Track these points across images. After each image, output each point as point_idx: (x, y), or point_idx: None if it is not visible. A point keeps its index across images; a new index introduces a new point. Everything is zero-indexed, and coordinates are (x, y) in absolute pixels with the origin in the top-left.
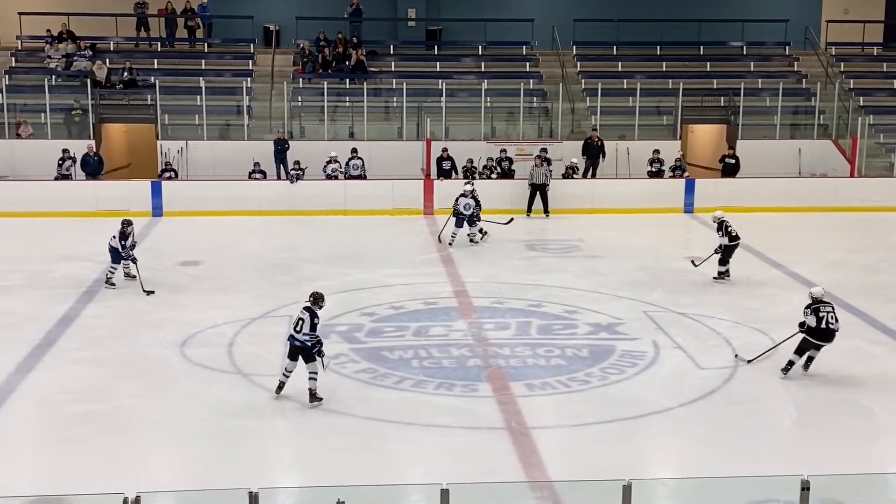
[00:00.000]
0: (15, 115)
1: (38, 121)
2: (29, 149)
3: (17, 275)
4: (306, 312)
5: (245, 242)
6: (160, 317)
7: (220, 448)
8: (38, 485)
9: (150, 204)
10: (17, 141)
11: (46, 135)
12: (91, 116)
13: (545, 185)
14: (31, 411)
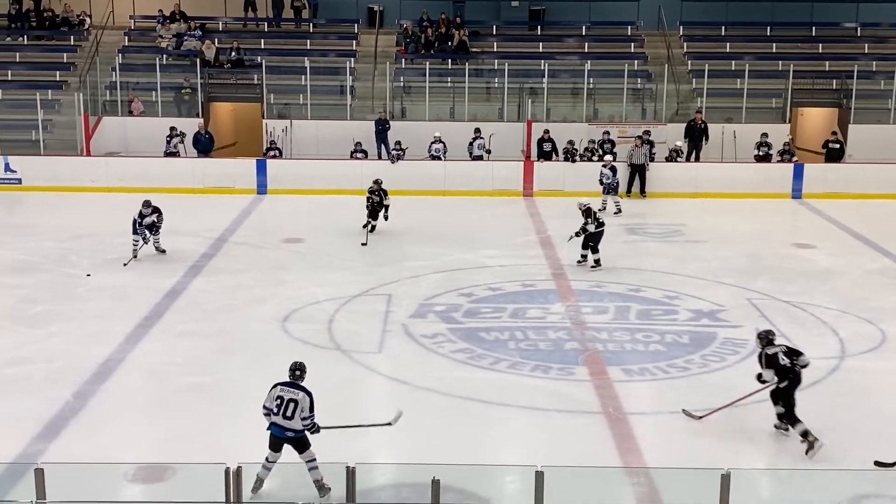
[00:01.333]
0: (127, 93)
1: (149, 99)
2: (140, 126)
3: (126, 248)
4: (298, 391)
5: (346, 221)
6: (263, 293)
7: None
8: (145, 453)
9: (255, 182)
10: (129, 118)
11: (157, 113)
12: (200, 95)
13: (644, 166)
14: (139, 381)
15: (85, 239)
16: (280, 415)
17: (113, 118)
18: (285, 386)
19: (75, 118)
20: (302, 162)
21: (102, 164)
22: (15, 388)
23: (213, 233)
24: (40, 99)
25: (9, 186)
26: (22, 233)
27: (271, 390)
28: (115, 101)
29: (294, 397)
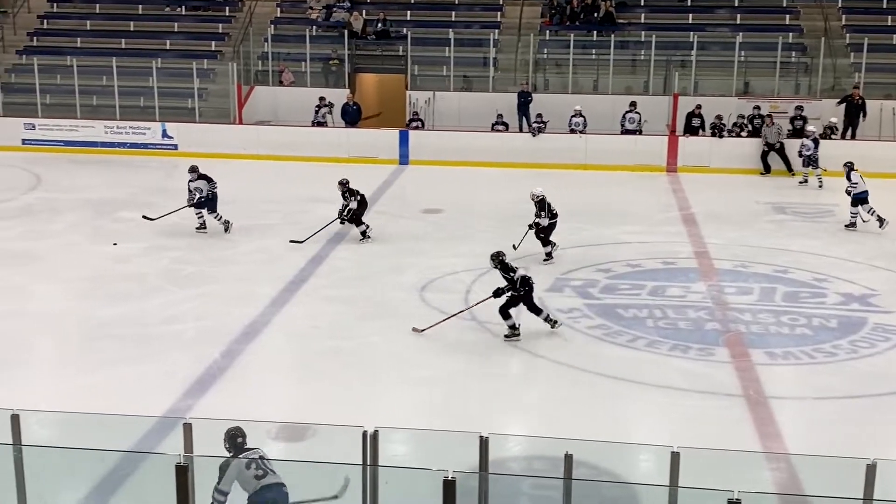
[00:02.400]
0: (278, 64)
1: (298, 69)
2: (290, 96)
3: (275, 214)
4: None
5: (486, 193)
6: (402, 261)
7: (453, 391)
8: (287, 412)
9: (398, 152)
10: (280, 88)
11: (306, 83)
12: (347, 66)
13: (775, 145)
14: (283, 343)
15: (235, 204)
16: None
17: (264, 88)
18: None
19: (229, 87)
20: (443, 133)
21: (253, 132)
22: (167, 345)
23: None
24: (196, 68)
25: (166, 152)
26: (177, 197)
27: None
28: (267, 70)
29: (261, 454)
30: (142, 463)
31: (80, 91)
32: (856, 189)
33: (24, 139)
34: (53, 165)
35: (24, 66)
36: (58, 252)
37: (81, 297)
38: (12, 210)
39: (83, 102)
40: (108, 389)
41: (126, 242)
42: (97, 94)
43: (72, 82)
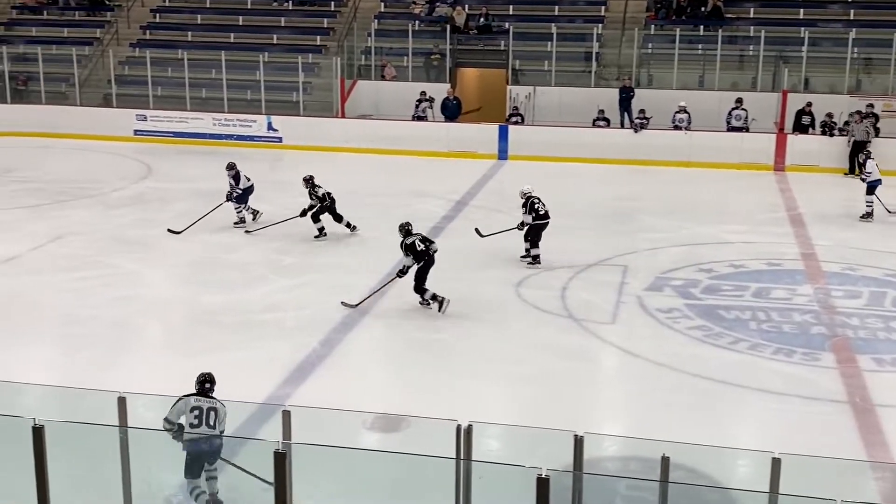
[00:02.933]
0: (381, 58)
1: (400, 64)
2: (391, 90)
3: (374, 208)
4: (213, 401)
5: (585, 189)
6: (498, 256)
7: (547, 388)
8: (383, 403)
9: (497, 147)
10: (381, 82)
11: (407, 77)
12: (448, 61)
13: (865, 143)
14: (381, 334)
15: (337, 196)
16: (205, 425)
17: (367, 82)
18: (199, 397)
19: (332, 81)
20: (543, 129)
21: (356, 126)
22: (268, 333)
23: (454, 195)
24: (301, 63)
25: (271, 144)
26: (280, 188)
27: (179, 400)
28: (370, 65)
29: (214, 406)
30: (242, 448)
31: (190, 84)
32: (870, 177)
33: (136, 130)
34: (163, 156)
35: (136, 59)
36: (167, 240)
37: (188, 284)
38: (125, 199)
39: (193, 95)
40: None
41: (228, 232)
42: (206, 86)
43: (182, 75)
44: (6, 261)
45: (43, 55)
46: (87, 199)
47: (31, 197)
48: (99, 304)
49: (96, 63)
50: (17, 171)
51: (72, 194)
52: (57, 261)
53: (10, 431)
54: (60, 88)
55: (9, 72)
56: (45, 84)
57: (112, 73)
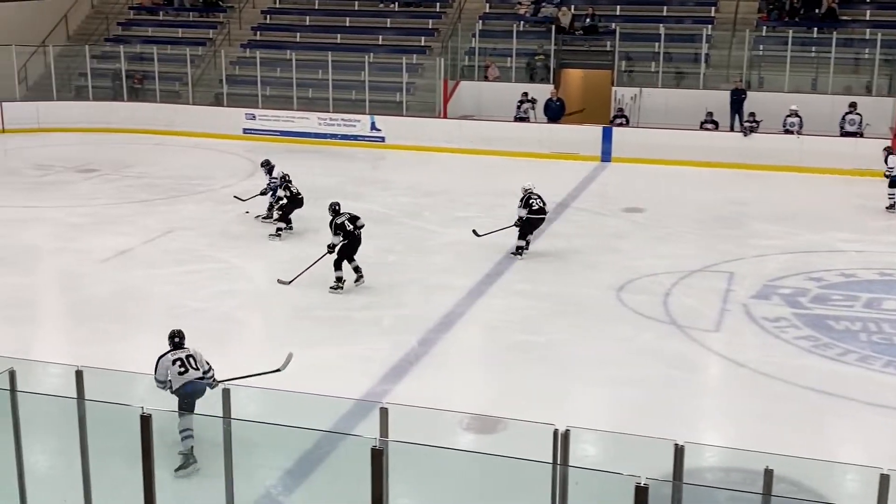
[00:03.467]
0: (484, 59)
1: (503, 65)
2: (493, 91)
3: (473, 207)
4: (186, 349)
5: (691, 193)
6: (600, 259)
7: (647, 395)
8: (478, 403)
9: (600, 149)
10: (484, 83)
11: (510, 78)
12: (552, 61)
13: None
14: (478, 335)
15: (437, 196)
16: (191, 369)
17: (469, 83)
18: (175, 351)
19: (436, 82)
20: (648, 131)
21: (457, 127)
22: (367, 331)
23: (555, 198)
24: (405, 63)
25: (373, 144)
26: (382, 187)
27: (160, 360)
28: (473, 66)
29: (189, 353)
30: (339, 443)
31: (297, 84)
32: (892, 172)
33: (245, 128)
34: (270, 154)
35: (247, 59)
36: (271, 236)
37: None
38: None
39: (299, 95)
40: (310, 369)
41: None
42: (313, 86)
43: (290, 75)
44: (120, 254)
45: (158, 55)
46: (197, 194)
47: (145, 192)
48: (205, 297)
49: (208, 63)
50: (133, 167)
51: (183, 190)
52: (167, 254)
53: (120, 420)
54: (174, 87)
55: (126, 70)
56: (160, 83)
57: (223, 73)
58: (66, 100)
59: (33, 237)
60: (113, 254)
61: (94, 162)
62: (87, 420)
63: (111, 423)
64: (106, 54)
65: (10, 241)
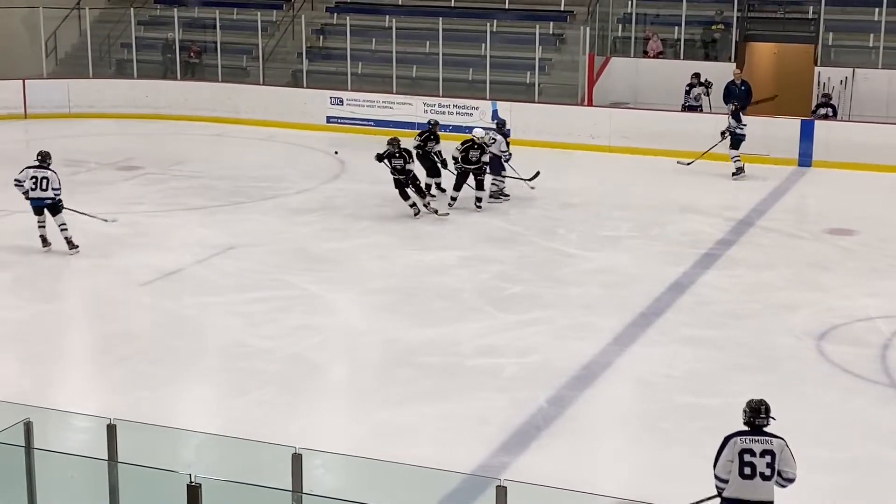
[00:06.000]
0: (644, 29)
1: (669, 36)
2: (655, 70)
3: (625, 224)
4: (47, 171)
5: None
6: (795, 297)
7: (861, 481)
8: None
9: (797, 150)
10: (643, 60)
11: (678, 54)
12: (734, 33)
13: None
14: (628, 394)
15: (577, 208)
16: (38, 189)
17: (623, 59)
18: (36, 168)
19: (579, 58)
20: (864, 126)
21: (605, 117)
22: (482, 383)
23: (734, 213)
24: (539, 33)
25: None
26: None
27: (24, 170)
28: (629, 37)
29: (45, 175)
30: None
31: (398, 59)
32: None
33: (329, 116)
34: (361, 149)
35: (334, 27)
36: (361, 255)
37: (384, 313)
38: (313, 202)
39: (401, 74)
40: (406, 431)
41: (439, 249)
42: (418, 63)
43: (389, 49)
44: (166, 276)
45: (221, 21)
46: (265, 201)
47: (199, 196)
48: (274, 333)
49: (285, 32)
50: (185, 164)
51: (247, 194)
52: (226, 278)
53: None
54: (240, 62)
55: (180, 41)
56: (223, 57)
57: (303, 45)
58: (105, 77)
59: (60, 253)
60: (157, 275)
61: (136, 157)
62: (120, 487)
63: (150, 492)
64: (155, 20)
65: (32, 258)
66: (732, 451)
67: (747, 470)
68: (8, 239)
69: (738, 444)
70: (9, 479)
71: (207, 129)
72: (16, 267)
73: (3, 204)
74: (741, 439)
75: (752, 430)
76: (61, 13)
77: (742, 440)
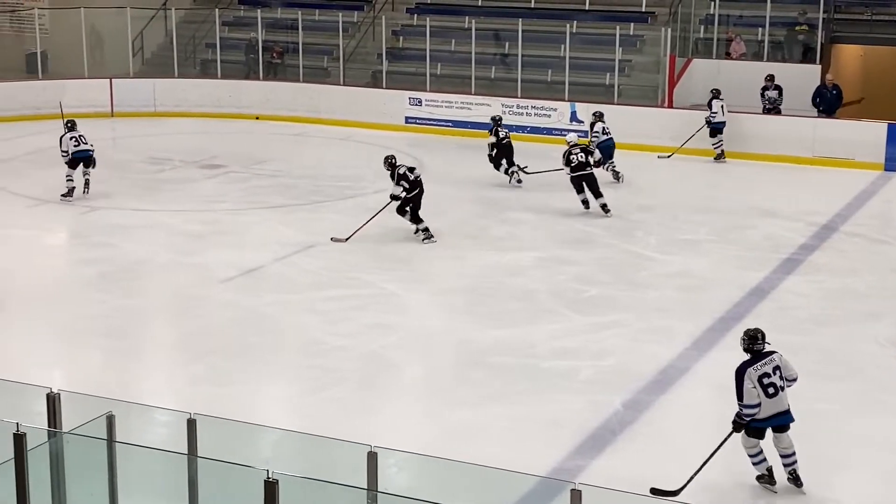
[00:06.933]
0: (727, 30)
1: (752, 37)
2: (736, 72)
3: (704, 228)
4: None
5: None
6: (881, 306)
7: None
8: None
9: (884, 153)
10: (725, 62)
11: (761, 55)
12: (819, 34)
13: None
14: (705, 399)
15: (656, 211)
16: (81, 144)
17: (705, 60)
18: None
19: (659, 59)
20: None
21: (686, 119)
22: (556, 385)
23: (818, 217)
24: (620, 34)
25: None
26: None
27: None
28: (710, 38)
29: (81, 133)
30: None
31: (477, 60)
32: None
33: (408, 117)
34: (438, 150)
35: (414, 27)
36: (437, 255)
37: (458, 314)
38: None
39: (479, 75)
40: (480, 432)
41: (515, 250)
42: (496, 64)
43: (468, 49)
44: (246, 273)
45: (304, 21)
46: (344, 200)
47: (280, 195)
48: (350, 331)
49: (366, 32)
50: (266, 163)
51: (326, 193)
52: (304, 276)
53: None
54: (321, 63)
55: (262, 41)
56: (304, 57)
57: (383, 46)
58: (189, 77)
59: (143, 249)
60: (237, 272)
61: (218, 155)
62: (199, 481)
63: (229, 486)
64: (239, 20)
65: (115, 253)
66: (752, 380)
67: (771, 390)
68: (94, 235)
69: (754, 373)
70: (91, 470)
71: (288, 129)
72: (101, 263)
73: (88, 200)
74: (753, 368)
75: (755, 355)
76: (148, 14)
77: (754, 368)
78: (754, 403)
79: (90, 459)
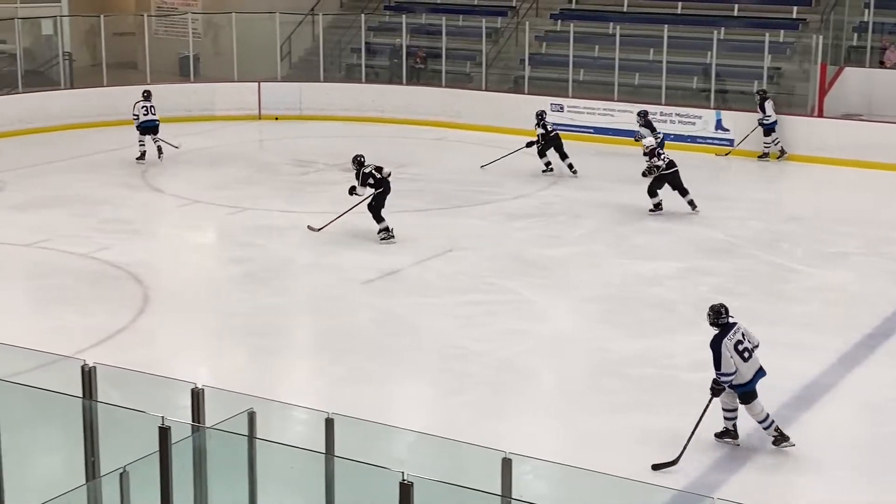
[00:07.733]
0: (881, 38)
1: None
2: (892, 81)
3: (853, 240)
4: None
5: None
6: None
7: None
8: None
9: None
10: (879, 71)
11: None
12: None
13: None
14: (847, 418)
15: (803, 222)
16: (149, 114)
17: (857, 69)
18: (144, 101)
19: (810, 67)
20: None
21: (837, 129)
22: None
23: None
24: (769, 42)
25: (718, 148)
26: (726, 207)
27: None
28: (863, 47)
29: (152, 104)
30: None
31: (621, 67)
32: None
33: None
34: (580, 156)
35: (557, 33)
36: (575, 263)
37: (595, 322)
38: (529, 208)
39: (623, 81)
40: (616, 442)
41: (654, 259)
42: (641, 70)
43: (612, 55)
44: (385, 275)
45: (447, 27)
46: (483, 205)
47: (419, 199)
48: (486, 336)
49: (509, 38)
50: (406, 168)
51: (466, 199)
52: (442, 279)
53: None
54: (464, 68)
55: (407, 46)
56: (447, 62)
57: (526, 51)
58: (335, 81)
59: (287, 250)
60: (377, 275)
61: None
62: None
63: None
64: (384, 26)
65: (262, 254)
66: (728, 350)
67: (746, 354)
68: (241, 235)
69: (729, 343)
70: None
71: (429, 134)
72: (246, 263)
73: (235, 201)
74: (727, 339)
75: (723, 328)
76: (296, 19)
77: (728, 339)
78: (731, 371)
79: (232, 454)
